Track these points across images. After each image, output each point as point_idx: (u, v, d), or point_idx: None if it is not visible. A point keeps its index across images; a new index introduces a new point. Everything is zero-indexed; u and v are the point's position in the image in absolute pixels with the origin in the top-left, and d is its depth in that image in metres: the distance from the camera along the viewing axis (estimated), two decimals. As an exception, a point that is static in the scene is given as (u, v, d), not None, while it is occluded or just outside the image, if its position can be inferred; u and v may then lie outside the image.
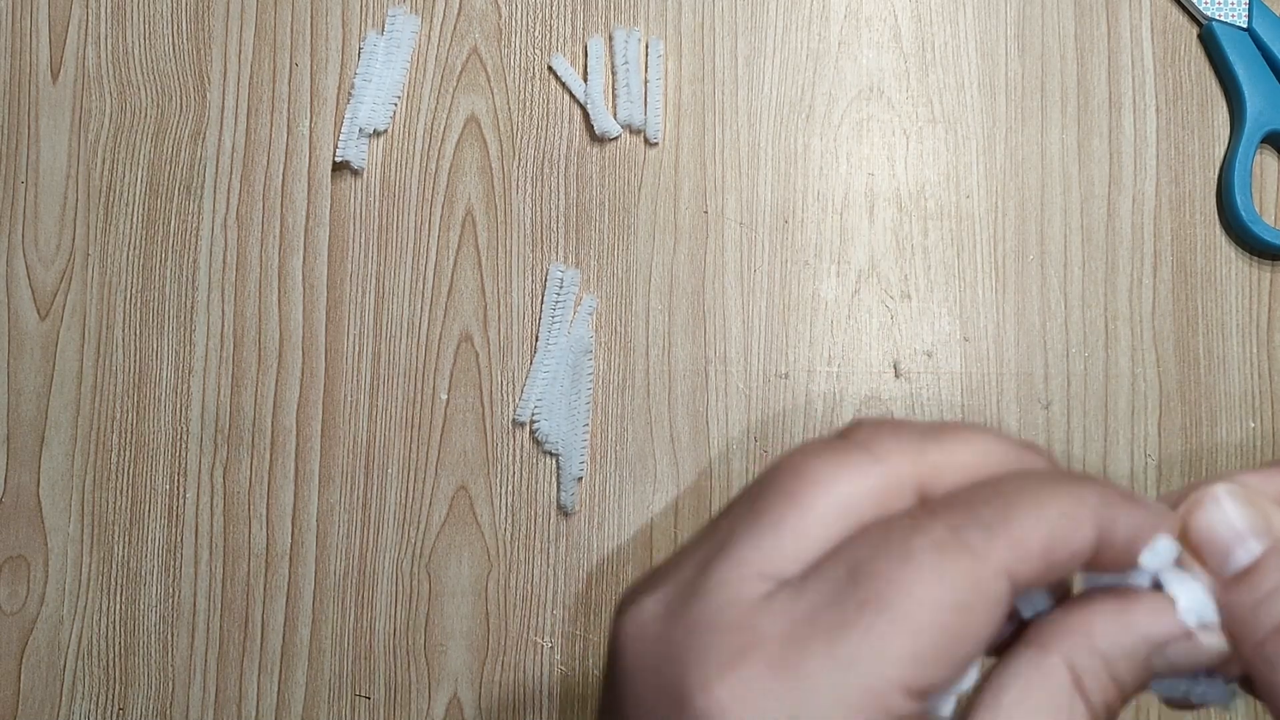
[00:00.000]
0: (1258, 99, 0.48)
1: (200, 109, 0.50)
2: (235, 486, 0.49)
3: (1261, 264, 0.49)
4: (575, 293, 0.49)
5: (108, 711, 0.48)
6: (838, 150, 0.49)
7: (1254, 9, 0.49)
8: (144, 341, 0.49)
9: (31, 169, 0.50)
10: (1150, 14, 0.50)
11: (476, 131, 0.50)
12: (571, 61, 0.50)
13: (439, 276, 0.49)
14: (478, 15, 0.50)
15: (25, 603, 0.48)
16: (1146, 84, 0.50)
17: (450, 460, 0.48)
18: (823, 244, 0.49)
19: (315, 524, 0.48)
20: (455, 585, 0.48)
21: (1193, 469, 0.48)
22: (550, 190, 0.49)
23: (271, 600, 0.48)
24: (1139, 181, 0.49)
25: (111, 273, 0.50)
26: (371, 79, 0.49)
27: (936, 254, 0.49)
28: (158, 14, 0.51)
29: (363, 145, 0.49)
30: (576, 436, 0.48)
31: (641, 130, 0.49)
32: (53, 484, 0.49)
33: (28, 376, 0.49)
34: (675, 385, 0.48)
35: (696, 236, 0.49)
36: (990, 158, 0.49)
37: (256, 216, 0.50)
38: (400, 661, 0.48)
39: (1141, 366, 0.48)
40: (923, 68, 0.50)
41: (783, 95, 0.50)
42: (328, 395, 0.49)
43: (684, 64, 0.50)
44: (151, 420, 0.49)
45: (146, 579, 0.48)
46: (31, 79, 0.51)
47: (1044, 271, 0.49)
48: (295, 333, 0.49)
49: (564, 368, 0.48)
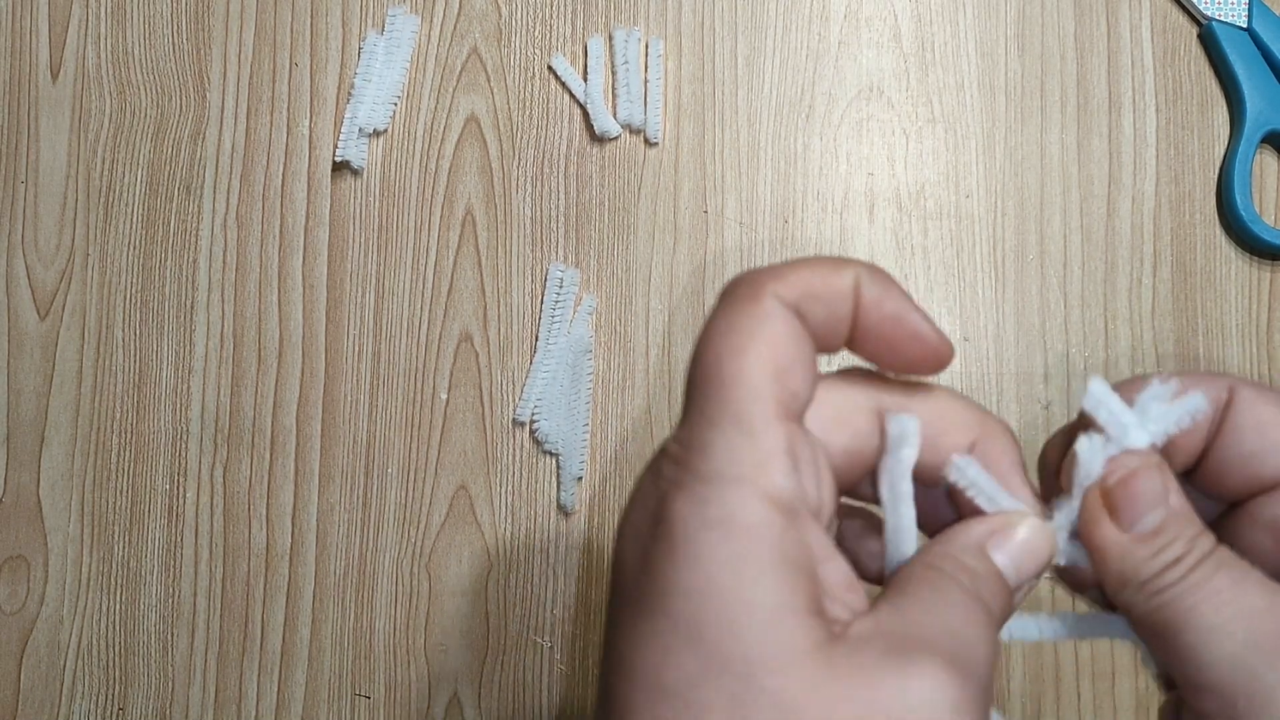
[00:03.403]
0: (1258, 99, 0.48)
1: (200, 109, 0.50)
2: (235, 486, 0.49)
3: (1261, 264, 0.49)
4: (575, 293, 0.49)
5: (108, 711, 0.48)
6: (837, 150, 0.49)
7: (1254, 9, 0.49)
8: (144, 341, 0.49)
9: (31, 169, 0.50)
10: (1150, 14, 0.50)
11: (476, 131, 0.50)
12: (571, 61, 0.50)
13: (439, 276, 0.49)
14: (478, 15, 0.50)
15: (25, 603, 0.48)
16: (1146, 84, 0.50)
17: (450, 460, 0.48)
18: (823, 244, 0.49)
19: (315, 524, 0.48)
20: (455, 585, 0.48)
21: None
22: (550, 190, 0.49)
23: (271, 600, 0.48)
24: (1139, 181, 0.49)
25: (111, 273, 0.50)
26: (371, 79, 0.49)
27: (936, 254, 0.49)
28: (158, 14, 0.51)
29: (363, 145, 0.49)
30: (576, 436, 0.48)
31: (641, 130, 0.49)
32: (53, 484, 0.49)
33: (28, 376, 0.49)
34: (675, 385, 0.48)
35: (696, 236, 0.49)
36: (990, 158, 0.49)
37: (256, 216, 0.50)
38: (400, 661, 0.48)
39: (1141, 366, 0.48)
40: (923, 68, 0.50)
41: (783, 95, 0.50)
42: (328, 395, 0.49)
43: (684, 64, 0.50)
44: (151, 420, 0.49)
45: (146, 579, 0.48)
46: (31, 79, 0.51)
47: (1044, 271, 0.49)
48: (295, 333, 0.49)
49: (564, 368, 0.48)
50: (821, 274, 0.25)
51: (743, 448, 0.23)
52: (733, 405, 0.23)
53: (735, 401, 0.23)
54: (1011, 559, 0.25)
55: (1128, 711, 0.47)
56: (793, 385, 0.24)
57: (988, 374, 0.48)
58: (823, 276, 0.25)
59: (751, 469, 0.22)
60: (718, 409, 0.23)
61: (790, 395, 0.24)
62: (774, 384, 0.23)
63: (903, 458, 0.25)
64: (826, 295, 0.25)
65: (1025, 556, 0.25)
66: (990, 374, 0.48)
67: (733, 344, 0.24)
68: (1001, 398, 0.48)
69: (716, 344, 0.24)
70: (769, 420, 0.23)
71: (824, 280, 0.25)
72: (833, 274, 0.25)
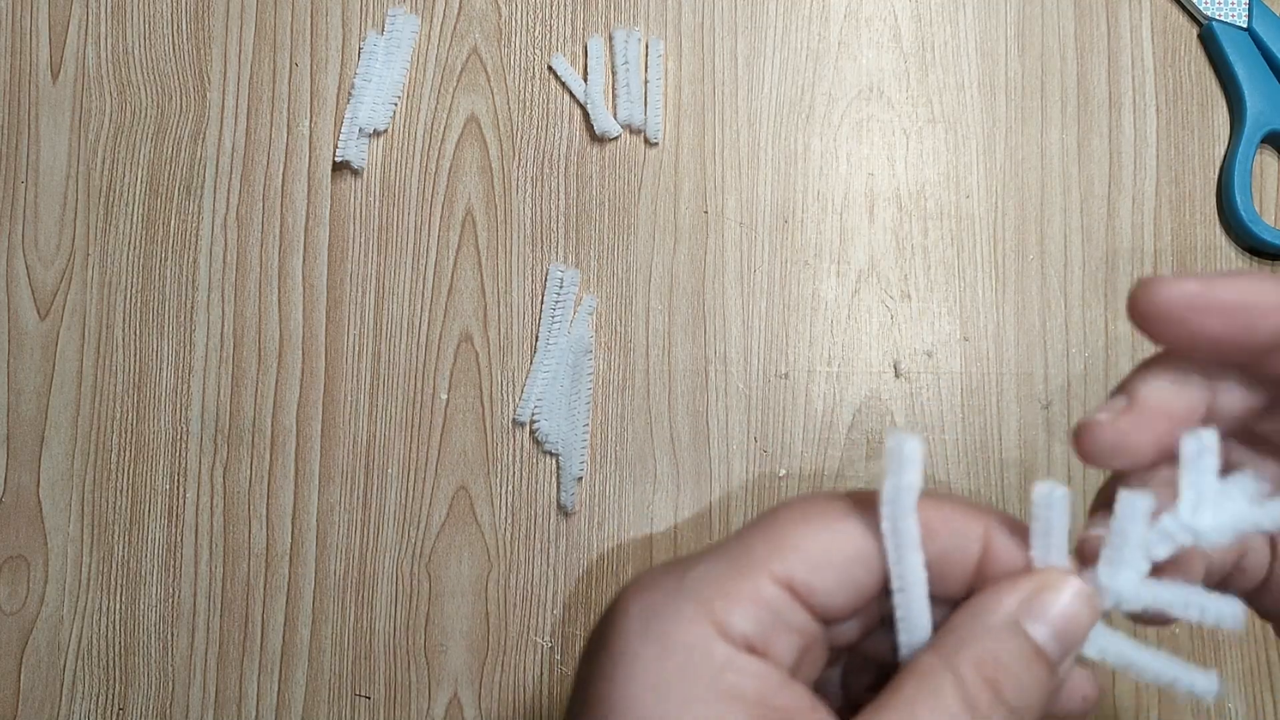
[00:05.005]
0: (1258, 99, 0.48)
1: (200, 109, 0.50)
2: (235, 486, 0.49)
3: (1261, 264, 0.49)
4: (575, 293, 0.49)
5: (108, 711, 0.48)
6: (838, 150, 0.49)
7: (1254, 9, 0.49)
8: (144, 341, 0.49)
9: (31, 169, 0.50)
10: (1150, 14, 0.50)
11: (476, 131, 0.50)
12: (571, 61, 0.50)
13: (439, 276, 0.49)
14: (478, 15, 0.50)
15: (25, 603, 0.48)
16: (1146, 84, 0.50)
17: (450, 460, 0.48)
18: (823, 244, 0.49)
19: (315, 524, 0.48)
20: (455, 585, 0.48)
21: (1193, 469, 0.48)
22: (550, 190, 0.49)
23: (271, 600, 0.48)
24: (1139, 181, 0.49)
25: (111, 273, 0.50)
26: (371, 79, 0.49)
27: (936, 254, 0.49)
28: (158, 14, 0.51)
29: (363, 145, 0.49)
30: (576, 436, 0.48)
31: (641, 130, 0.49)
32: (53, 484, 0.49)
33: (28, 376, 0.49)
34: (675, 385, 0.48)
35: (696, 236, 0.49)
36: (990, 158, 0.49)
37: (256, 216, 0.50)
38: (400, 661, 0.48)
39: (1141, 366, 0.48)
40: (923, 68, 0.50)
41: (783, 95, 0.50)
42: (328, 395, 0.49)
43: (684, 64, 0.50)
44: (151, 420, 0.49)
45: (146, 579, 0.48)
46: (31, 79, 0.51)
47: (1044, 271, 0.49)
48: (295, 333, 0.49)
49: (564, 368, 0.48)
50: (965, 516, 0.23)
51: (724, 576, 0.21)
52: (743, 546, 0.22)
53: (750, 547, 0.22)
54: (1053, 630, 0.22)
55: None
56: (817, 583, 0.22)
57: (988, 374, 0.48)
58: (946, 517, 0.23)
59: (717, 595, 0.21)
60: (732, 542, 0.22)
61: (807, 587, 0.22)
62: (807, 567, 0.22)
63: (905, 484, 0.22)
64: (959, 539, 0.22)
65: (1069, 624, 0.22)
66: (990, 374, 0.48)
67: (805, 511, 0.22)
68: (1001, 398, 0.48)
69: (791, 508, 0.22)
70: (765, 571, 0.21)
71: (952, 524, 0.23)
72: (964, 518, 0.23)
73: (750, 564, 0.21)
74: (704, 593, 0.21)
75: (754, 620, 0.21)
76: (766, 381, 0.48)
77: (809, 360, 0.48)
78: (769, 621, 0.21)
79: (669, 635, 0.20)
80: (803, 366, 0.48)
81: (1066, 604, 0.21)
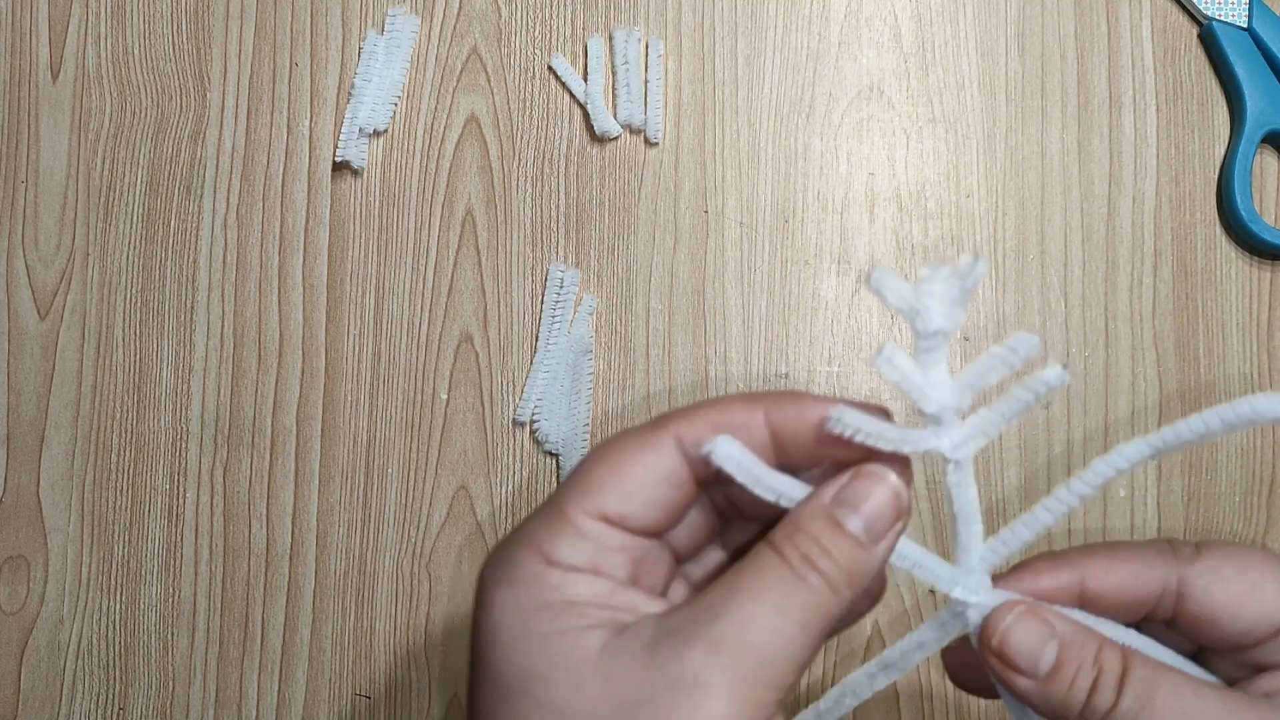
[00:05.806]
0: (1258, 99, 0.48)
1: (200, 109, 0.50)
2: (235, 486, 0.49)
3: (1261, 264, 0.49)
4: (575, 293, 0.49)
5: (108, 711, 0.48)
6: (838, 150, 0.49)
7: (1254, 9, 0.49)
8: (144, 341, 0.49)
9: (31, 169, 0.50)
10: (1150, 14, 0.50)
11: (476, 131, 0.50)
12: (571, 61, 0.50)
13: (439, 276, 0.49)
14: (478, 15, 0.50)
15: (25, 603, 0.48)
16: (1146, 83, 0.50)
17: (450, 460, 0.48)
18: (823, 244, 0.49)
19: (315, 524, 0.48)
20: (455, 585, 0.48)
21: (1192, 469, 0.48)
22: (550, 190, 0.49)
23: (271, 600, 0.48)
24: (1139, 181, 0.49)
25: (111, 273, 0.50)
26: (371, 79, 0.49)
27: (936, 253, 0.49)
28: (158, 14, 0.51)
29: (363, 145, 0.49)
30: (576, 436, 0.48)
31: (641, 130, 0.49)
32: (53, 484, 0.49)
33: (28, 376, 0.49)
34: (675, 385, 0.48)
35: (696, 236, 0.49)
36: (990, 157, 0.49)
37: (256, 216, 0.50)
38: (400, 661, 0.48)
39: (1141, 366, 0.48)
40: (923, 68, 0.50)
41: (783, 95, 0.50)
42: (328, 395, 0.49)
43: (684, 64, 0.50)
44: (151, 420, 0.49)
45: (146, 579, 0.48)
46: (31, 79, 0.51)
47: (1044, 271, 0.49)
48: (295, 333, 0.49)
49: (564, 368, 0.48)
50: (729, 413, 0.27)
51: (547, 524, 0.26)
52: (558, 495, 0.27)
53: (563, 495, 0.27)
54: (866, 521, 0.26)
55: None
56: (626, 510, 0.26)
57: (988, 374, 0.48)
58: (728, 415, 0.27)
59: (544, 538, 0.26)
60: (552, 497, 0.27)
61: (619, 515, 0.26)
62: (615, 499, 0.26)
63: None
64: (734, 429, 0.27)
65: (879, 515, 0.26)
66: (990, 374, 0.48)
67: (605, 453, 0.27)
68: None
69: (595, 454, 0.27)
70: (579, 510, 0.26)
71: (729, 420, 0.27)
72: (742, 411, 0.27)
73: (564, 507, 0.26)
74: (534, 538, 0.26)
75: (577, 549, 0.26)
76: (767, 381, 0.48)
77: (809, 360, 0.48)
78: (591, 549, 0.26)
79: (514, 577, 0.26)
80: (803, 366, 0.48)
81: (878, 497, 0.26)
